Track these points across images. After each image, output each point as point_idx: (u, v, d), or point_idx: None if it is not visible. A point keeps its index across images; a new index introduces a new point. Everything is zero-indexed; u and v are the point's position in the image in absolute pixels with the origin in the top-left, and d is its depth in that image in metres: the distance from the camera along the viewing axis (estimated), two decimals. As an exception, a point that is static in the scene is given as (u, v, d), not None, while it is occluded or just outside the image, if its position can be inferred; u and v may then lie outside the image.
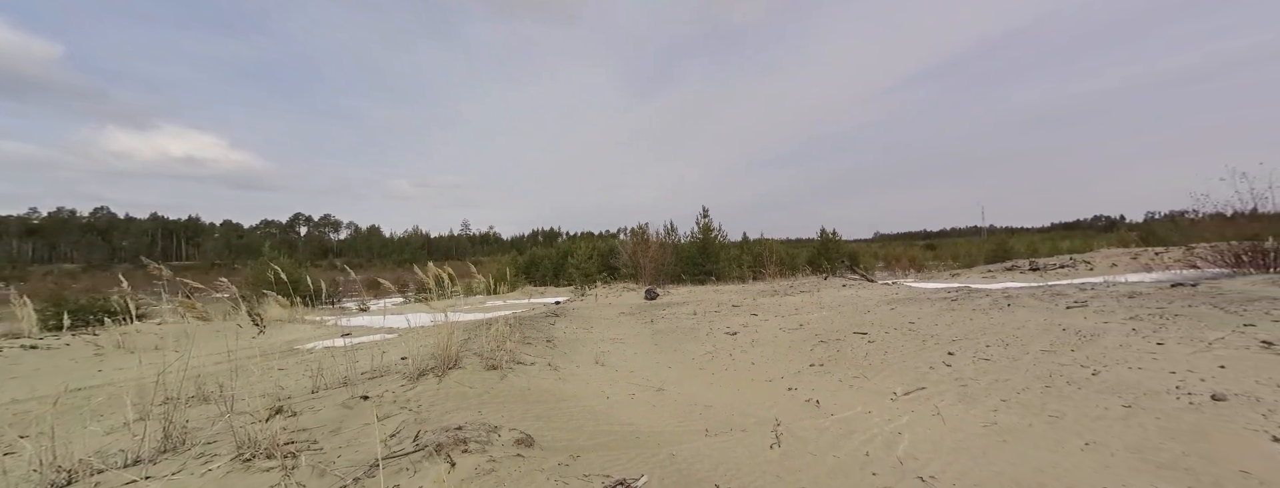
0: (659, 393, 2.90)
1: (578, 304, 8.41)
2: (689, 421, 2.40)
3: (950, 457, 1.88)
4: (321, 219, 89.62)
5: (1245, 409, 2.08)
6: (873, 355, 3.39)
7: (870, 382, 2.89)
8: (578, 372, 3.38)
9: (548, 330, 5.07)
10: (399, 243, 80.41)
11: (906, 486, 1.68)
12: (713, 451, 2.01)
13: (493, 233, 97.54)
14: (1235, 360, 2.62)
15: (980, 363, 3.01)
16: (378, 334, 6.09)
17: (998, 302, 4.77)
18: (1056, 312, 4.08)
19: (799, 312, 5.47)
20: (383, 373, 3.13)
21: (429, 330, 3.91)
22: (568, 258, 15.78)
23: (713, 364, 3.58)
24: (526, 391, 2.75)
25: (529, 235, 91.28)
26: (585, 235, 25.13)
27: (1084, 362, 2.83)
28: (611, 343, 4.55)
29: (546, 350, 4.02)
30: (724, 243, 13.19)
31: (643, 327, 5.46)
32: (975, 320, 4.06)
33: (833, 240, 15.41)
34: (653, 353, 4.08)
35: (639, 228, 13.71)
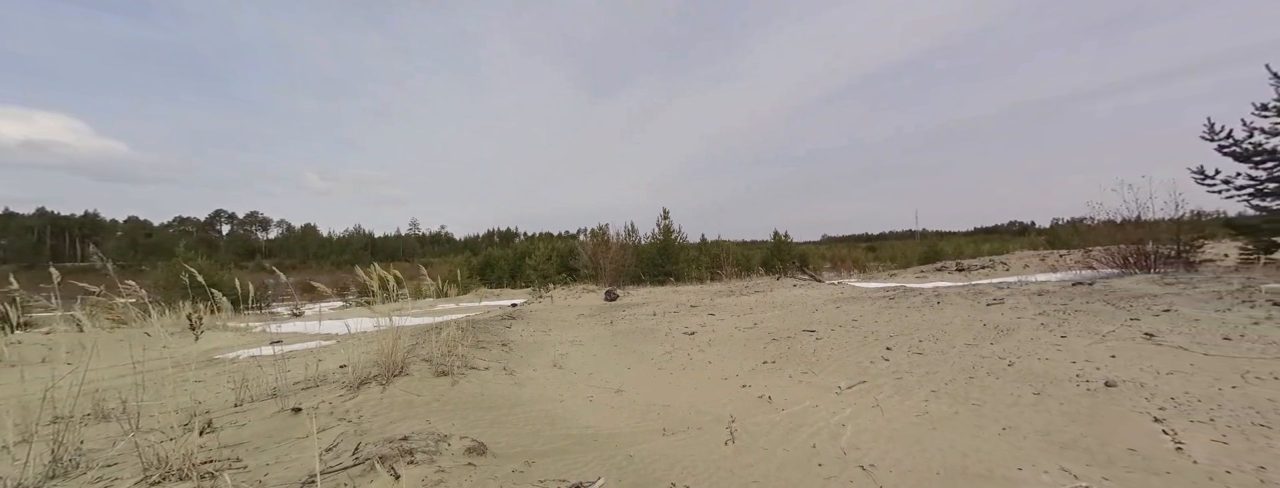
0: (618, 394, 2.90)
1: (536, 306, 8.23)
2: (647, 421, 2.42)
3: (887, 445, 2.01)
4: (247, 217, 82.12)
5: (1132, 394, 2.37)
6: (820, 352, 3.57)
7: (817, 377, 3.04)
8: (535, 376, 3.31)
9: (503, 334, 4.93)
10: (339, 243, 74.96)
11: (848, 475, 1.78)
12: (670, 450, 2.04)
13: (444, 233, 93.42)
14: (1124, 351, 2.99)
15: (914, 357, 3.24)
16: (313, 341, 5.67)
17: (929, 300, 5.16)
18: (978, 309, 4.47)
19: (753, 311, 5.66)
20: (319, 383, 2.92)
21: (372, 336, 3.69)
22: (525, 259, 15.42)
23: (671, 364, 3.62)
24: (480, 397, 2.66)
25: (484, 236, 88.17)
26: (544, 236, 24.65)
27: (1001, 354, 3.12)
28: (570, 345, 4.49)
29: (502, 355, 3.90)
30: (684, 244, 13.42)
31: (602, 328, 5.44)
32: (910, 317, 4.37)
33: (785, 243, 16.11)
34: (612, 355, 4.07)
35: (599, 229, 13.66)
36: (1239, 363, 2.65)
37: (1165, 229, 8.32)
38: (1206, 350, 2.89)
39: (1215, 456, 1.77)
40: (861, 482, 1.73)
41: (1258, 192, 8.18)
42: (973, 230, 43.05)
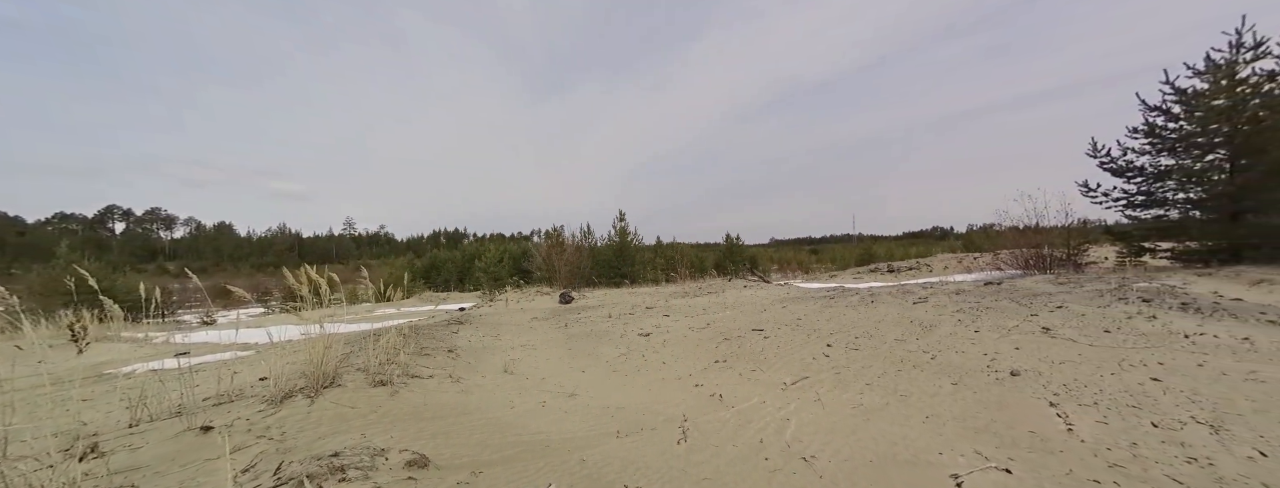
0: (571, 399, 2.86)
1: (486, 310, 7.94)
2: (601, 424, 2.40)
3: (827, 437, 2.13)
4: (147, 214, 72.74)
5: (1032, 382, 2.67)
6: (768, 350, 3.72)
7: (765, 374, 3.17)
8: (483, 382, 3.19)
9: (450, 340, 4.71)
10: (260, 243, 68.12)
11: (792, 467, 1.87)
12: (623, 452, 2.04)
13: (384, 233, 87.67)
14: (1026, 343, 3.37)
15: (851, 352, 3.46)
16: (228, 352, 5.12)
17: (864, 299, 5.54)
18: (906, 307, 4.86)
19: (706, 312, 5.79)
20: (234, 398, 2.64)
21: (299, 345, 3.39)
22: (475, 261, 14.84)
23: (626, 366, 3.63)
24: (422, 407, 2.52)
25: (429, 237, 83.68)
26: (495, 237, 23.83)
27: (925, 348, 3.41)
28: (522, 350, 4.38)
29: (448, 361, 3.73)
30: (640, 246, 13.49)
31: (556, 332, 5.34)
32: (847, 316, 4.67)
33: (736, 245, 16.65)
34: (566, 358, 4.01)
35: (554, 230, 13.43)
36: (1117, 352, 3.07)
37: (1058, 235, 9.48)
38: (1091, 342, 3.31)
39: (1098, 435, 2.04)
40: (804, 473, 1.82)
41: (1130, 203, 9.53)
42: (902, 235, 46.81)
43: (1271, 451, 1.83)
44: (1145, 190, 9.31)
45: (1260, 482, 1.61)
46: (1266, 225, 7.92)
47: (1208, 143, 8.66)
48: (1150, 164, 9.20)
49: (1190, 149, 8.88)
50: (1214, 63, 8.53)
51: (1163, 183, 9.14)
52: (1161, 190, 9.18)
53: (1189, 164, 8.91)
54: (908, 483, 1.71)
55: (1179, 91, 8.86)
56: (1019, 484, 1.66)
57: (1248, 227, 8.11)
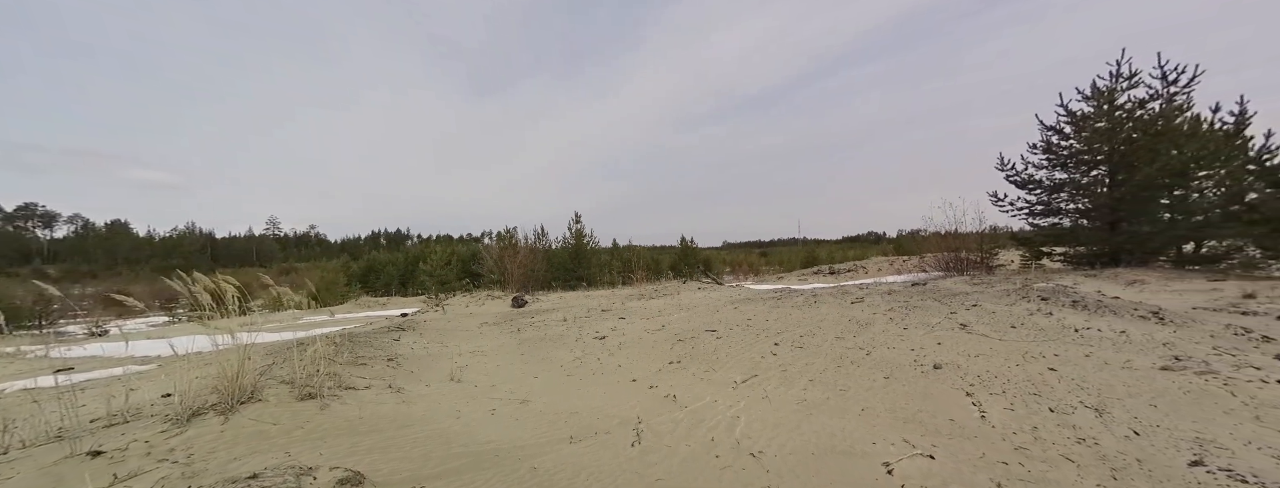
0: (523, 405, 2.79)
1: (431, 316, 7.56)
2: (554, 430, 2.36)
3: (773, 432, 2.23)
4: (19, 210, 62.55)
5: (952, 374, 2.94)
6: (720, 350, 3.82)
7: (717, 373, 3.25)
8: (427, 392, 3.03)
9: (390, 348, 4.44)
10: (165, 245, 60.48)
11: (741, 463, 1.94)
12: (576, 457, 2.02)
13: (314, 234, 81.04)
14: (947, 339, 3.70)
15: (795, 351, 3.64)
16: (121, 367, 4.53)
17: (809, 300, 5.84)
18: (845, 307, 5.18)
19: (662, 314, 5.86)
20: (130, 418, 2.34)
21: (210, 357, 3.06)
22: (419, 264, 14.09)
23: (581, 370, 3.59)
24: (357, 420, 2.36)
25: (367, 238, 78.36)
26: (442, 239, 22.75)
27: (862, 345, 3.65)
28: (471, 356, 4.21)
29: (387, 371, 3.51)
30: (596, 249, 13.40)
31: (508, 336, 5.19)
32: (793, 316, 4.90)
33: (691, 248, 17.00)
34: (519, 364, 3.90)
35: (506, 232, 13.03)
36: (1021, 346, 3.44)
37: (973, 240, 10.50)
38: (1001, 337, 3.70)
39: (1006, 421, 2.28)
40: (752, 469, 1.89)
41: (1031, 212, 10.74)
42: (841, 239, 49.92)
43: (1143, 430, 2.13)
44: (1043, 201, 10.55)
45: (1134, 458, 1.87)
46: (1138, 233, 9.23)
47: (1092, 159, 9.97)
48: (1047, 178, 10.45)
49: (1079, 165, 10.17)
50: (1098, 89, 9.84)
51: (1057, 194, 10.40)
52: (1056, 201, 10.44)
53: (1078, 178, 10.20)
54: (845, 472, 1.83)
55: (1070, 114, 10.13)
56: (941, 469, 1.82)
57: (1124, 234, 9.40)
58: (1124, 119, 9.45)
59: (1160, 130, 9.00)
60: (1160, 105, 9.34)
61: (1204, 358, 3.00)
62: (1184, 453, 1.88)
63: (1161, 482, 1.68)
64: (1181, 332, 3.67)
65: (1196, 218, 8.94)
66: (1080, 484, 1.68)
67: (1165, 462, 1.82)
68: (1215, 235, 8.82)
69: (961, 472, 1.79)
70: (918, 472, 1.80)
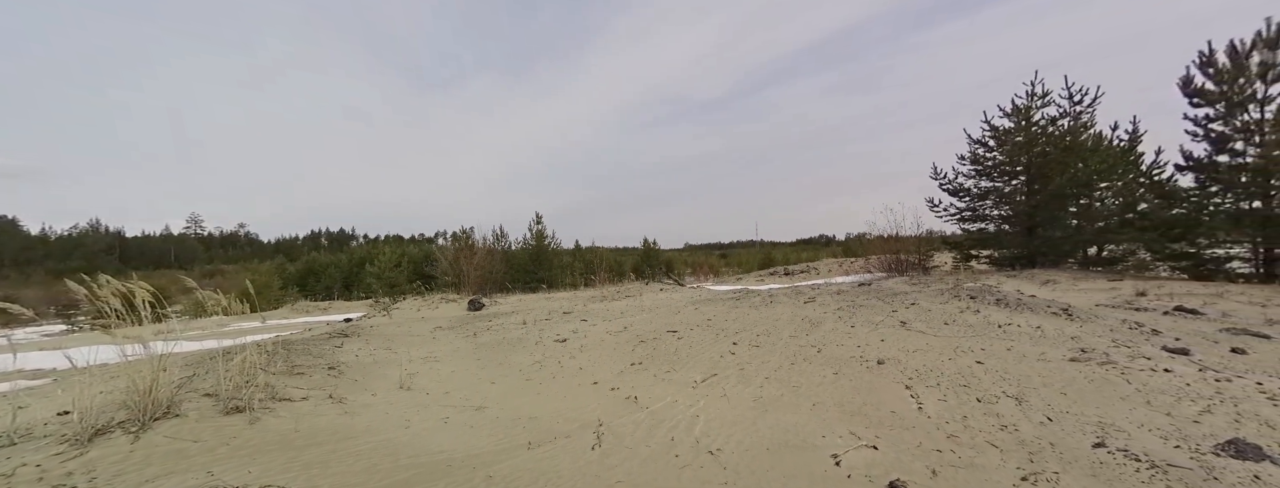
0: (479, 412, 2.70)
1: (379, 321, 7.15)
2: (511, 436, 2.30)
3: (731, 430, 2.29)
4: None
5: (893, 368, 3.14)
6: (681, 351, 3.88)
7: (678, 373, 3.30)
8: (373, 401, 2.87)
9: (331, 355, 4.16)
10: (63, 244, 53.45)
11: (700, 461, 1.97)
12: (534, 463, 1.98)
13: (245, 233, 74.52)
14: (889, 336, 3.94)
15: (753, 349, 3.76)
16: (7, 383, 3.96)
17: (765, 300, 6.04)
18: (798, 306, 5.41)
19: (624, 315, 5.85)
20: (19, 439, 2.05)
21: (118, 370, 2.74)
22: (366, 265, 13.29)
23: (541, 374, 3.52)
24: (293, 434, 2.20)
25: (306, 238, 72.97)
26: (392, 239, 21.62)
27: (813, 343, 3.83)
28: (423, 363, 4.02)
29: (328, 380, 3.29)
30: (557, 250, 13.18)
31: (463, 341, 5.00)
32: (751, 315, 5.06)
33: (653, 250, 17.13)
34: (474, 369, 3.77)
35: (462, 232, 12.55)
36: (952, 341, 3.73)
37: (912, 244, 11.29)
38: (935, 333, 3.99)
39: (940, 411, 2.46)
40: (710, 466, 1.93)
41: (961, 218, 11.69)
42: (795, 241, 52.10)
43: (1055, 416, 2.37)
44: (971, 207, 11.51)
45: (1048, 441, 2.08)
46: (1051, 238, 10.27)
47: (1013, 170, 10.99)
48: (975, 186, 11.41)
49: (1001, 175, 11.18)
50: (1017, 106, 10.87)
51: (983, 201, 11.38)
52: (982, 208, 11.42)
53: (1001, 187, 11.21)
54: (798, 465, 1.91)
55: (993, 128, 11.12)
56: (883, 458, 1.94)
57: (1039, 239, 10.43)
58: (1038, 134, 10.51)
59: (1069, 145, 10.08)
60: (1068, 122, 10.47)
61: (1105, 350, 3.38)
62: (1089, 436, 2.11)
63: (1070, 463, 1.87)
64: (1087, 327, 4.12)
65: (1098, 224, 10.07)
66: (1003, 468, 1.85)
67: (1073, 444, 2.03)
68: (1114, 240, 9.99)
69: (901, 460, 1.92)
70: (862, 462, 1.91)
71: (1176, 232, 8.62)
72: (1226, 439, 1.98)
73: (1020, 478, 1.75)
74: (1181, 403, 2.45)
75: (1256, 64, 7.69)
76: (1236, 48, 7.87)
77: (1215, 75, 8.12)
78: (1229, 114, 8.06)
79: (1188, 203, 8.65)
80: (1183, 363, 3.11)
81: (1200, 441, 2.02)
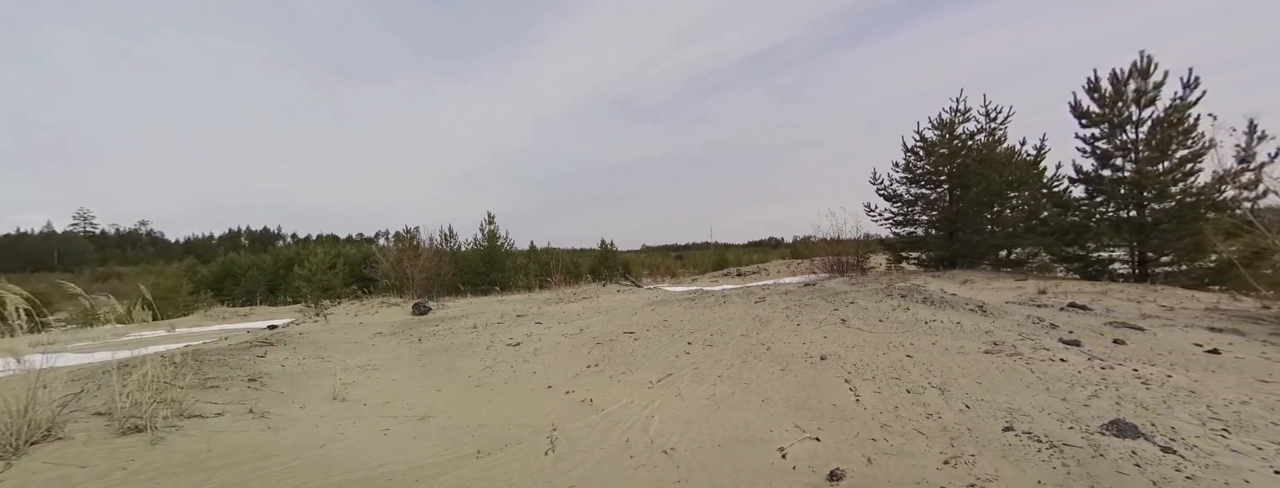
0: (423, 422, 2.57)
1: (309, 327, 6.61)
2: (459, 445, 2.21)
3: (685, 428, 2.33)
4: None
5: (835, 364, 3.33)
6: (637, 352, 3.89)
7: (634, 375, 3.31)
8: (302, 415, 2.65)
9: (252, 366, 3.80)
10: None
11: (654, 461, 1.99)
12: (483, 472, 1.91)
13: (147, 231, 66.28)
14: (831, 333, 4.18)
15: (707, 348, 3.85)
16: None
17: (719, 300, 6.21)
18: (749, 306, 5.60)
19: (580, 317, 5.79)
20: None
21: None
22: (295, 267, 12.26)
23: (491, 379, 3.40)
24: (204, 454, 1.99)
25: (223, 237, 66.07)
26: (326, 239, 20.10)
27: (763, 341, 3.98)
28: (360, 372, 3.76)
29: (248, 394, 3.00)
30: (511, 251, 12.81)
31: (407, 347, 4.73)
32: (705, 315, 5.17)
33: (610, 251, 17.09)
34: (419, 377, 3.58)
35: (406, 232, 11.88)
36: (886, 337, 4.02)
37: (852, 246, 12.03)
38: (871, 330, 4.28)
39: (875, 403, 2.64)
40: (664, 465, 1.95)
41: (894, 222, 12.62)
42: (747, 243, 53.98)
43: (972, 404, 2.61)
44: (903, 212, 12.47)
45: (966, 427, 2.29)
46: (969, 241, 11.33)
47: (938, 179, 12.01)
48: (907, 192, 12.37)
49: (929, 183, 12.19)
50: (942, 120, 11.90)
51: (914, 207, 12.36)
52: (913, 213, 12.40)
53: (928, 194, 12.22)
54: (747, 460, 1.98)
55: (923, 139, 12.11)
56: (824, 449, 2.06)
57: (960, 242, 11.47)
58: (960, 147, 11.58)
59: (985, 158, 11.18)
60: (985, 137, 11.61)
61: (1013, 343, 3.78)
62: (1000, 421, 2.35)
63: (984, 446, 2.07)
64: (998, 322, 4.58)
65: (1008, 230, 11.23)
66: (928, 453, 2.01)
67: (987, 429, 2.25)
68: (1020, 244, 11.19)
69: (841, 450, 2.04)
70: (806, 454, 2.01)
71: (1070, 237, 9.81)
72: (1110, 420, 2.28)
73: (943, 462, 1.92)
74: (1074, 389, 2.79)
75: (1133, 90, 8.92)
76: (1117, 76, 9.09)
77: (1099, 100, 9.33)
78: (1111, 134, 9.29)
79: (1079, 212, 9.87)
80: (1075, 353, 3.54)
81: (1089, 422, 2.31)
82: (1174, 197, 8.61)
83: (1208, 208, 8.08)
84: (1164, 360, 3.47)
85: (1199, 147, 8.34)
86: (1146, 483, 1.72)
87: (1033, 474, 1.80)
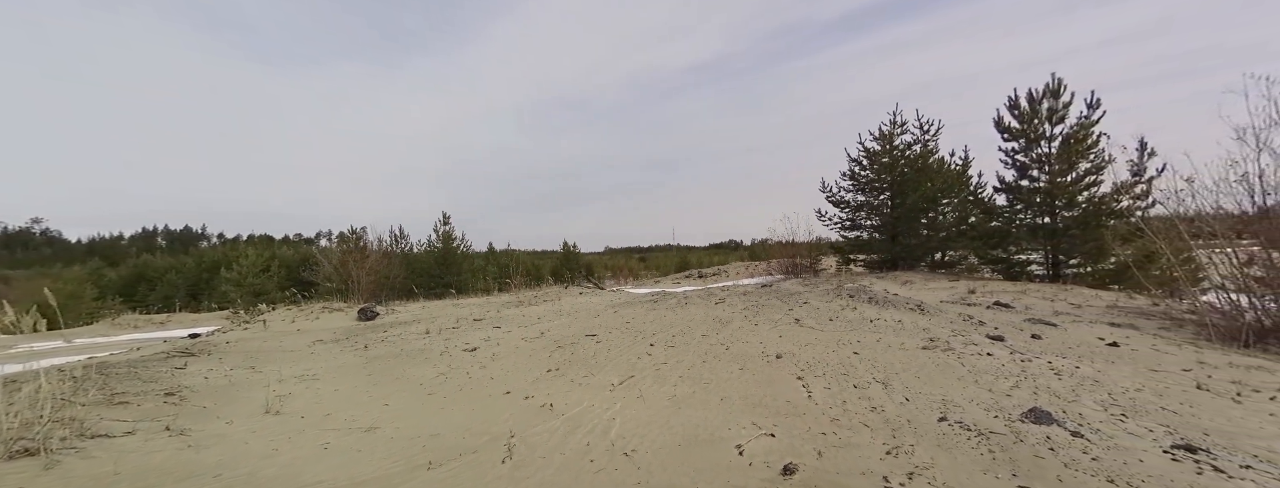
0: (369, 434, 2.42)
1: (239, 335, 6.08)
2: (408, 457, 2.11)
3: (646, 430, 2.34)
4: None
5: (789, 362, 3.46)
6: (600, 354, 3.87)
7: (596, 378, 3.28)
8: (230, 431, 2.44)
9: (169, 379, 3.45)
10: None
11: (615, 464, 1.99)
12: (435, 485, 1.84)
13: (42, 230, 58.53)
14: (786, 332, 4.34)
15: (669, 349, 3.89)
16: None
17: (681, 301, 6.29)
18: (710, 307, 5.72)
19: (541, 320, 5.67)
20: None
21: None
22: (222, 270, 11.22)
23: (445, 387, 3.26)
24: (110, 477, 1.79)
25: (136, 236, 59.51)
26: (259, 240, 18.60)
27: (722, 341, 4.08)
28: (298, 382, 3.50)
29: (164, 409, 2.72)
30: (468, 253, 12.35)
31: (351, 355, 4.45)
32: (667, 317, 5.23)
33: (573, 253, 16.90)
34: (365, 387, 3.38)
35: (352, 233, 11.18)
36: (836, 335, 4.23)
37: (805, 249, 12.58)
38: (823, 329, 4.49)
39: (825, 398, 2.77)
40: (624, 468, 1.95)
41: (843, 226, 13.31)
42: (708, 245, 55.16)
43: (911, 397, 2.79)
44: (850, 217, 13.18)
45: (906, 419, 2.45)
46: (908, 245, 12.14)
47: (880, 186, 12.80)
48: (853, 199, 13.10)
49: (872, 190, 12.97)
50: (882, 131, 12.71)
51: (859, 212, 13.11)
52: (859, 218, 13.14)
53: (871, 201, 13.00)
54: (706, 458, 2.01)
55: (866, 149, 12.88)
56: (779, 444, 2.13)
57: (900, 245, 12.27)
58: (898, 157, 12.41)
59: (921, 167, 12.05)
60: (919, 148, 12.52)
61: (947, 339, 4.09)
62: (935, 412, 2.53)
63: (922, 436, 2.23)
64: (934, 319, 4.94)
65: (941, 234, 12.14)
66: (872, 445, 2.14)
67: (924, 420, 2.42)
68: (952, 247, 12.13)
69: (794, 445, 2.12)
70: (762, 450, 2.08)
71: (994, 241, 10.75)
72: (1028, 408, 2.51)
73: (885, 452, 2.04)
74: (999, 380, 3.06)
75: (1046, 109, 9.92)
76: (1032, 95, 10.09)
77: (1018, 116, 10.31)
78: (1028, 148, 10.28)
79: (1002, 218, 10.85)
80: (1000, 348, 3.88)
81: (1011, 411, 2.54)
82: (1080, 205, 9.65)
83: (1108, 216, 9.12)
84: (1073, 353, 3.88)
85: (1100, 161, 9.40)
86: (1059, 465, 1.91)
87: (963, 461, 1.96)
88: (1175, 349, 4.15)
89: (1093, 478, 1.81)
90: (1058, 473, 1.84)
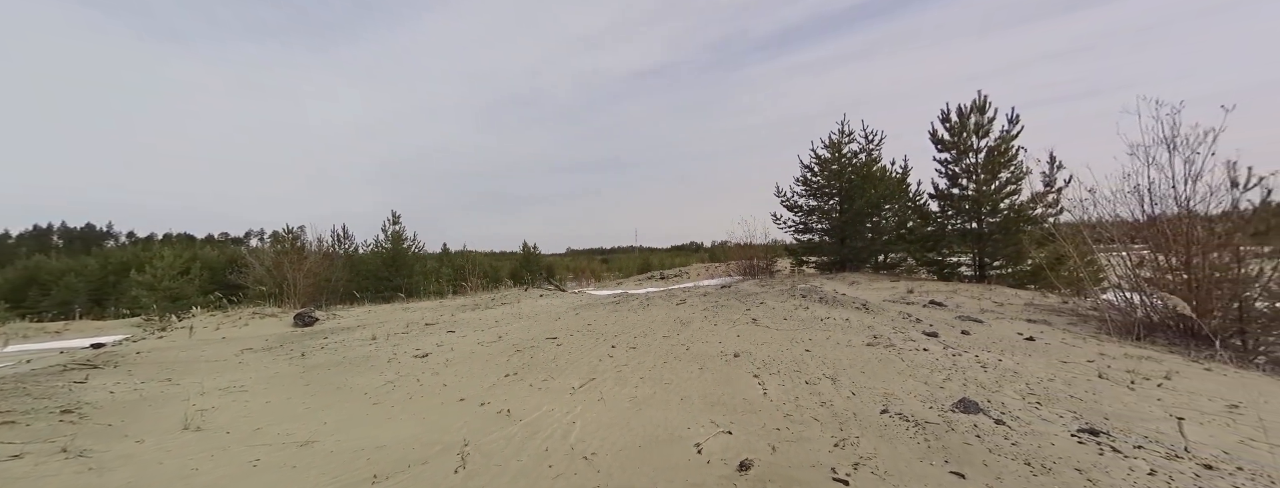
0: (304, 448, 2.26)
1: (152, 344, 5.48)
2: (349, 472, 1.98)
3: (607, 432, 2.33)
4: None
5: (746, 361, 3.56)
6: (560, 357, 3.80)
7: (556, 381, 3.23)
8: (139, 451, 2.20)
9: (68, 394, 3.06)
10: None
11: (574, 468, 1.97)
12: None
13: (-97, 223, 50.16)
14: (744, 332, 4.47)
15: (630, 351, 3.89)
16: None
17: (643, 303, 6.32)
18: (671, 308, 5.78)
19: (499, 324, 5.50)
20: None
21: None
22: (133, 272, 10.08)
23: (393, 396, 3.09)
24: None
25: (24, 235, 52.30)
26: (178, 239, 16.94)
27: (683, 342, 4.13)
28: (222, 395, 3.20)
29: (60, 429, 2.42)
30: (420, 254, 11.76)
31: (286, 364, 4.12)
32: (629, 318, 5.23)
33: (533, 254, 16.52)
34: (301, 398, 3.14)
35: (288, 232, 10.35)
36: (790, 334, 4.40)
37: (762, 251, 13.02)
38: (778, 328, 4.66)
39: (779, 395, 2.87)
40: (584, 471, 1.93)
41: (796, 229, 13.89)
42: (670, 247, 55.80)
43: (857, 391, 2.95)
44: (803, 221, 13.79)
45: (852, 412, 2.59)
46: (855, 247, 12.85)
47: (830, 192, 13.48)
48: (805, 203, 13.71)
49: (823, 195, 13.63)
50: (831, 140, 13.40)
51: (811, 216, 13.73)
52: (811, 222, 13.76)
53: (822, 205, 13.66)
54: (666, 457, 2.03)
55: (817, 156, 13.52)
56: (736, 441, 2.19)
57: (848, 248, 12.97)
58: (846, 164, 13.14)
59: (866, 174, 12.81)
60: (864, 156, 13.31)
61: (889, 336, 4.36)
62: (878, 404, 2.69)
63: (866, 428, 2.36)
64: (878, 317, 5.25)
65: (884, 238, 12.96)
66: (822, 436, 2.24)
67: (868, 413, 2.57)
68: (893, 250, 12.96)
69: (750, 441, 2.19)
70: (720, 447, 2.13)
71: (929, 244, 11.60)
72: (959, 399, 2.73)
73: (834, 445, 2.15)
74: (933, 374, 3.30)
75: (973, 123, 10.83)
76: (961, 110, 10.99)
77: (950, 129, 11.20)
78: (958, 158, 11.17)
79: (936, 223, 11.72)
80: (934, 343, 4.19)
81: (944, 402, 2.74)
82: (1002, 212, 10.60)
83: (1025, 222, 10.07)
84: (997, 347, 4.25)
85: (1018, 172, 10.38)
86: (985, 450, 2.09)
87: (903, 451, 2.10)
88: (1081, 343, 4.64)
89: (1012, 461, 1.99)
90: (983, 458, 2.01)
